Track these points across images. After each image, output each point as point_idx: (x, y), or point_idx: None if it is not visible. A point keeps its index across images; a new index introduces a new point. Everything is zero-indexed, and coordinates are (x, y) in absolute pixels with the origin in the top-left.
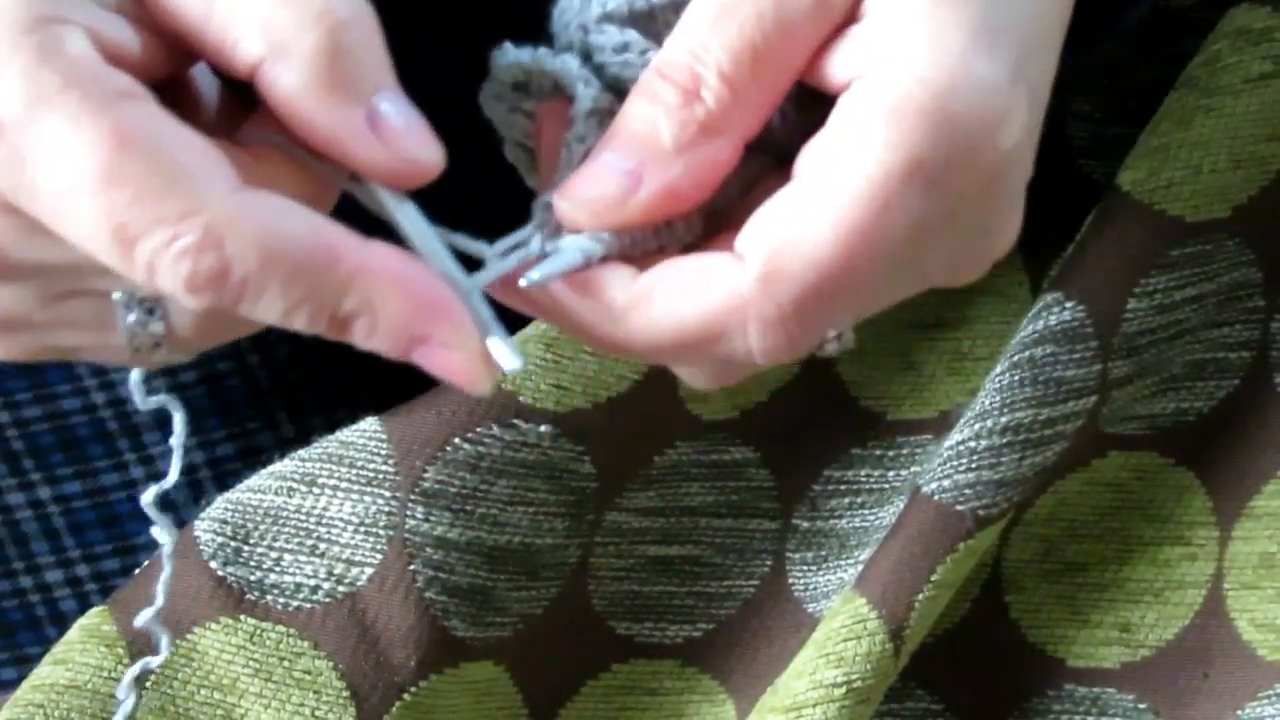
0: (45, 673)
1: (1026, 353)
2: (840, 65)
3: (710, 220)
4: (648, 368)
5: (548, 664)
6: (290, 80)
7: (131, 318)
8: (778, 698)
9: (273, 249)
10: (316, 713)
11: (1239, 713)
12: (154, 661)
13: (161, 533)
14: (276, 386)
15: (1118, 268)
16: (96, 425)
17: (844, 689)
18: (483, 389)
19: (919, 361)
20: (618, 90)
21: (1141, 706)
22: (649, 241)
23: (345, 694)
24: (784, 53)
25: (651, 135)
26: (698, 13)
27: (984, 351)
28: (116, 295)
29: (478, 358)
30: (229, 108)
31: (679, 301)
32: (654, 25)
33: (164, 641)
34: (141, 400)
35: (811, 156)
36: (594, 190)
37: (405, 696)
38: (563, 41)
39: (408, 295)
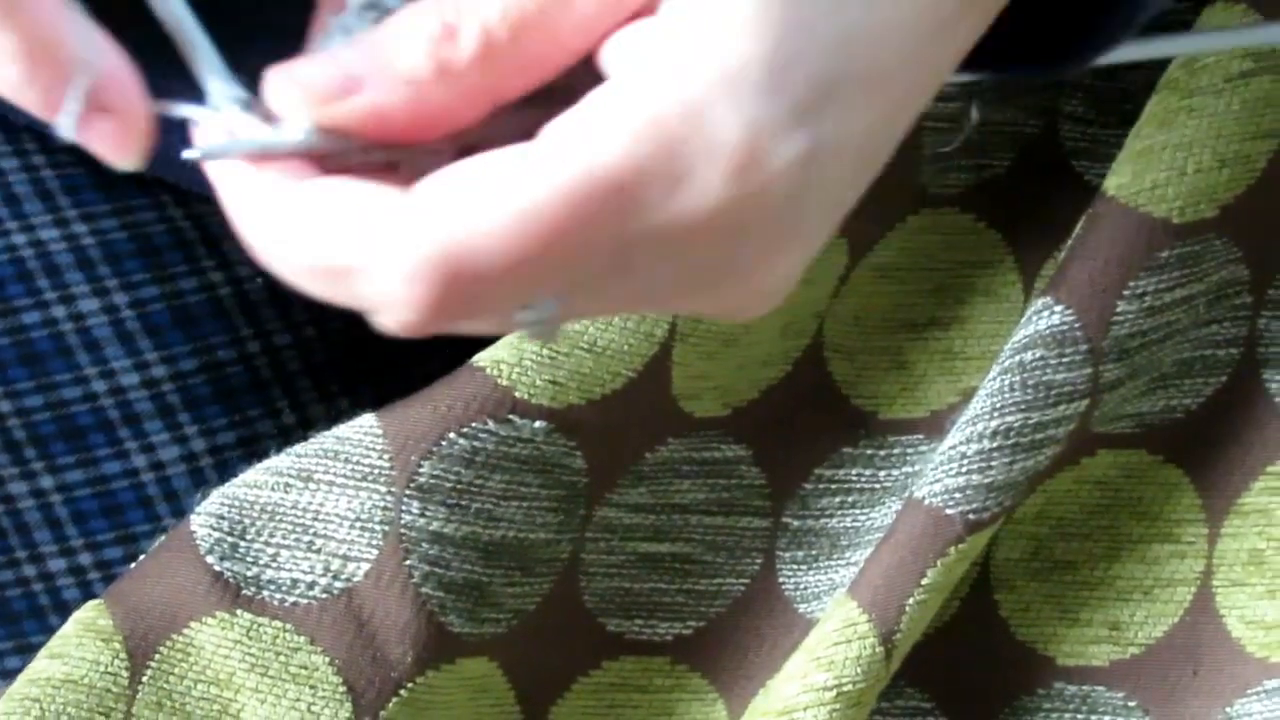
0: (41, 667)
1: (1016, 358)
2: (610, 54)
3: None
4: (642, 365)
5: (540, 660)
6: None
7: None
8: (769, 701)
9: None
10: (313, 708)
11: (1228, 709)
12: None
13: None
14: (277, 375)
15: (1106, 271)
16: (98, 414)
17: (834, 693)
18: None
19: (910, 361)
20: None
21: (1131, 704)
22: (354, 155)
23: (341, 689)
24: (558, 30)
25: (391, 52)
26: None
27: (975, 351)
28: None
29: None
30: None
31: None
32: None
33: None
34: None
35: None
36: (311, 74)
37: (402, 692)
38: None
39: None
